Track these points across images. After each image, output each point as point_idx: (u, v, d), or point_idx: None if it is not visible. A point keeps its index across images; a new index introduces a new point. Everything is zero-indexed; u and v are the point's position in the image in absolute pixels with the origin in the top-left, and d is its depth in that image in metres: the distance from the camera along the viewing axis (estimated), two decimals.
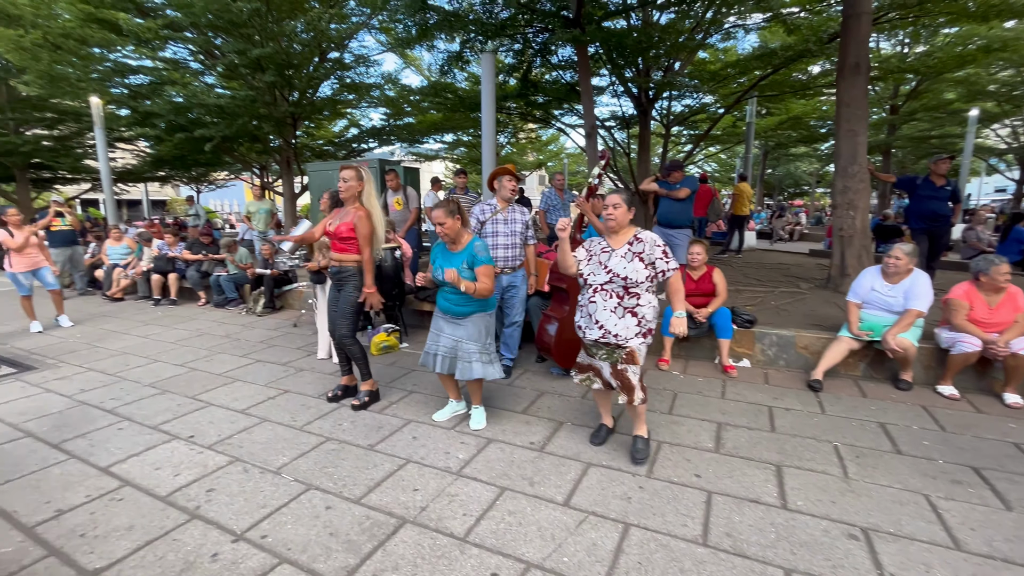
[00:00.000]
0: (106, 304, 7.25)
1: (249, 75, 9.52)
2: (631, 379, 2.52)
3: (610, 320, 2.47)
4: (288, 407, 3.36)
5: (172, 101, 9.36)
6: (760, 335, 4.10)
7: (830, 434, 2.89)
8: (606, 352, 2.55)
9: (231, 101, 9.11)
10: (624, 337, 2.46)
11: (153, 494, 2.36)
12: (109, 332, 5.53)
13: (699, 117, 12.26)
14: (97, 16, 8.62)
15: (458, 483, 2.42)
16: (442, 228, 2.84)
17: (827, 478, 2.43)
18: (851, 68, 5.07)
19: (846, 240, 5.29)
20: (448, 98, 10.89)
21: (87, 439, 2.93)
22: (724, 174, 28.66)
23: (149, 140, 12.85)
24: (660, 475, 2.47)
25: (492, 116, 5.80)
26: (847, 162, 5.19)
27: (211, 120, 9.70)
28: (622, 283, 2.45)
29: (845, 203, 5.25)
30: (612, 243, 2.56)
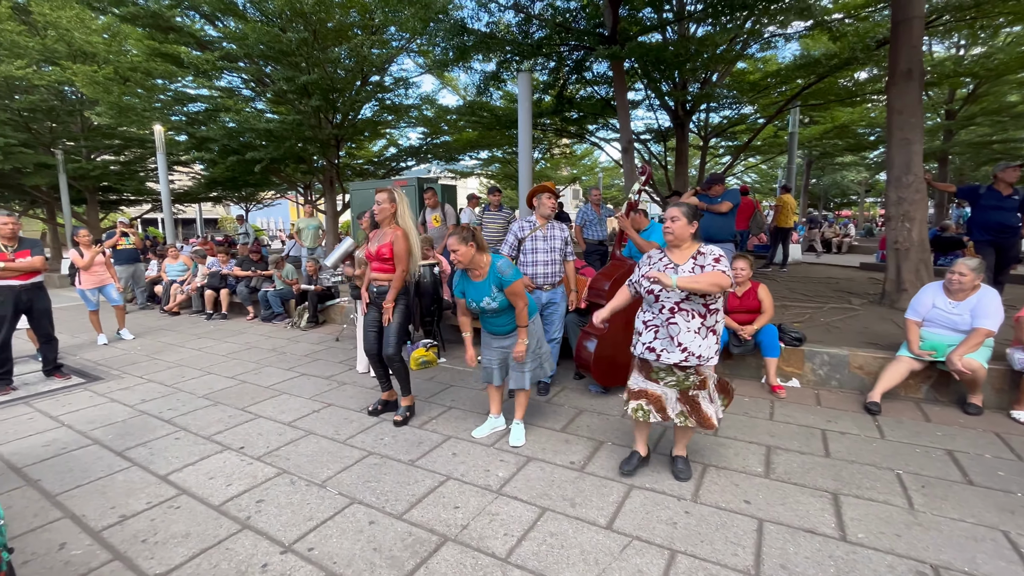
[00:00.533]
0: (164, 318, 7.68)
1: (296, 100, 10.04)
2: (702, 405, 2.43)
3: (695, 341, 2.35)
4: (332, 420, 3.45)
5: (226, 126, 9.97)
6: (810, 354, 3.93)
7: (892, 461, 2.72)
8: (676, 378, 2.46)
9: (280, 125, 9.61)
10: (707, 357, 2.37)
11: (207, 503, 2.46)
12: (167, 345, 5.85)
13: (738, 128, 12.03)
14: (161, 51, 9.32)
15: (498, 502, 2.41)
16: (455, 256, 2.79)
17: (890, 509, 2.28)
18: (903, 74, 4.88)
19: (902, 253, 5.04)
20: (484, 117, 11.12)
21: (148, 447, 3.10)
22: (765, 185, 27.85)
23: (204, 163, 13.70)
24: (707, 500, 2.39)
25: (528, 133, 5.87)
26: (901, 172, 4.97)
27: (261, 143, 10.25)
28: (701, 300, 2.35)
29: (900, 215, 5.01)
30: (675, 258, 2.46)
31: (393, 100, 11.48)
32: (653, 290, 2.45)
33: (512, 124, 10.32)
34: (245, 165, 10.96)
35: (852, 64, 7.79)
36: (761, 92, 9.51)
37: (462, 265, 2.86)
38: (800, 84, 8.94)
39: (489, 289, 2.84)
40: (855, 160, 22.38)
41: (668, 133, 11.04)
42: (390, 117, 12.20)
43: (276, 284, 7.24)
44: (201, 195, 17.60)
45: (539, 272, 3.69)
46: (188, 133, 11.19)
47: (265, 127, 9.56)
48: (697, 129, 11.61)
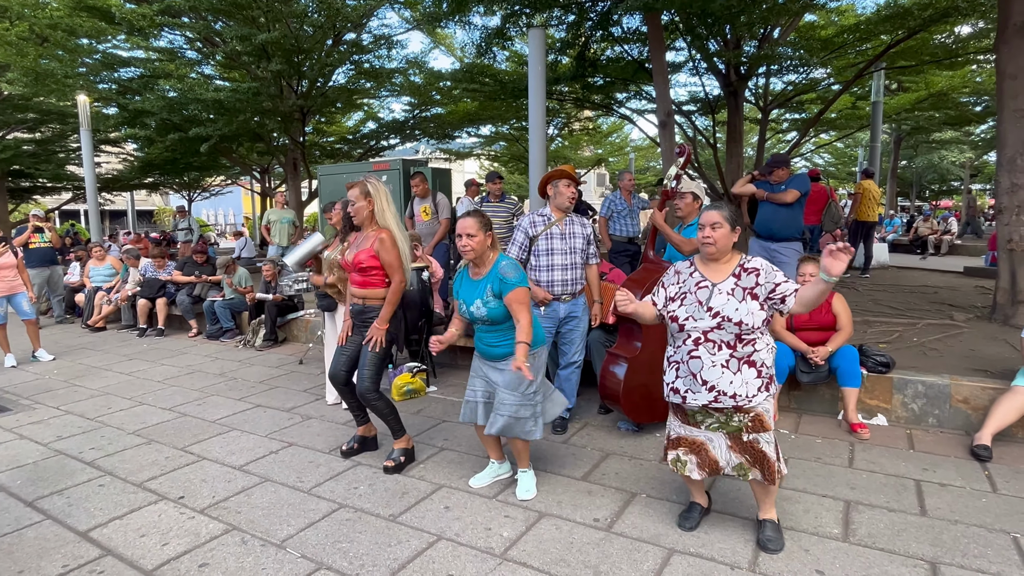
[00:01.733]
0: (86, 334, 7.79)
1: (253, 64, 10.21)
2: (766, 451, 2.40)
3: (723, 378, 2.35)
4: (294, 464, 3.47)
5: (165, 96, 10.15)
6: (900, 383, 3.90)
7: (1006, 521, 2.68)
8: (718, 420, 2.45)
9: (231, 95, 9.78)
10: (745, 396, 2.35)
11: (138, 567, 2.48)
12: (89, 368, 5.92)
13: (807, 97, 12.04)
14: (87, 3, 9.54)
15: (502, 569, 2.41)
16: (469, 242, 2.80)
17: None
18: (1016, 28, 4.88)
19: (1018, 256, 5.01)
20: (486, 83, 11.22)
21: (64, 496, 3.13)
22: (842, 169, 27.82)
23: (138, 142, 13.93)
24: (769, 569, 2.37)
25: (541, 103, 5.92)
26: (1016, 152, 4.96)
27: (208, 117, 10.42)
28: (735, 329, 2.33)
29: (1015, 206, 5.00)
30: (709, 274, 2.44)
31: (373, 63, 11.65)
32: (678, 317, 2.43)
33: (521, 92, 10.40)
34: (188, 144, 11.14)
35: (952, 15, 7.80)
36: (836, 51, 9.51)
37: (472, 254, 2.85)
38: (886, 41, 8.94)
39: (483, 291, 2.85)
40: (957, 137, 22.30)
41: (717, 103, 11.06)
42: (369, 84, 12.37)
43: (226, 293, 7.32)
44: (134, 181, 17.91)
45: (556, 279, 3.70)
46: (119, 105, 11.42)
47: (214, 97, 9.73)
48: (754, 98, 11.64)
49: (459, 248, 2.87)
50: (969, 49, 9.67)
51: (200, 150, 11.12)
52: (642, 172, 28.19)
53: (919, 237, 15.40)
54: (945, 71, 12.02)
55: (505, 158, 19.16)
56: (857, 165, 20.92)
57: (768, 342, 2.42)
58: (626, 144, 23.93)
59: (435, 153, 17.87)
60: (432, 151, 17.82)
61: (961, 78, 12.67)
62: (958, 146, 25.69)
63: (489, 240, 2.89)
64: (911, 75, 12.20)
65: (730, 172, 9.42)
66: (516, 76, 11.07)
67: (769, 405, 2.44)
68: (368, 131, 14.92)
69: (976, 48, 9.55)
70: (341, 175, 9.00)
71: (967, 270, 9.52)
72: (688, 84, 43.24)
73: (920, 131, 17.94)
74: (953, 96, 13.22)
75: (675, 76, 11.65)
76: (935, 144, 24.88)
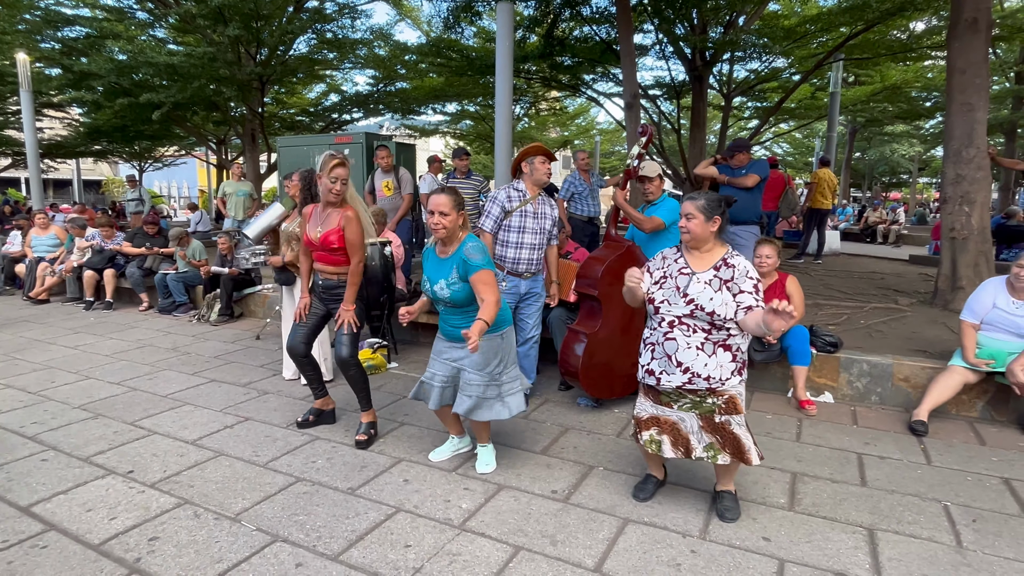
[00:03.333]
0: (28, 306, 7.42)
1: (208, 28, 9.76)
2: (738, 434, 2.45)
3: (698, 360, 2.40)
4: (249, 438, 3.41)
5: (113, 59, 9.64)
6: (847, 362, 4.06)
7: (939, 491, 2.84)
8: (691, 401, 2.50)
9: (185, 60, 9.35)
10: (719, 379, 2.41)
11: (84, 541, 2.40)
12: (32, 341, 5.66)
13: (768, 85, 12.26)
14: None
15: (461, 539, 2.43)
16: (442, 220, 2.73)
17: (935, 547, 2.39)
18: (967, 25, 5.04)
19: (959, 244, 5.23)
20: (452, 58, 11.04)
21: (4, 471, 2.99)
22: (800, 158, 28.59)
23: (84, 106, 13.22)
24: (718, 537, 2.45)
25: (508, 81, 5.86)
26: (961, 144, 5.15)
27: (160, 83, 9.95)
28: (707, 318, 2.39)
29: (958, 196, 5.20)
30: (693, 263, 2.48)
31: (336, 33, 11.29)
32: (655, 299, 2.49)
33: (488, 69, 10.26)
34: (139, 111, 10.61)
35: (908, 10, 8.03)
36: (797, 41, 9.71)
37: (444, 232, 2.77)
38: (845, 33, 9.16)
39: (448, 271, 2.79)
40: (908, 130, 23.13)
41: (683, 88, 11.17)
42: (331, 55, 12.00)
43: (179, 265, 7.06)
44: (80, 148, 17.00)
45: (523, 257, 3.69)
46: (63, 66, 10.77)
47: (166, 61, 9.28)
48: (718, 85, 11.79)
49: (430, 225, 2.80)
50: (923, 44, 9.99)
51: (152, 117, 10.59)
52: (607, 156, 28.34)
53: (869, 226, 15.98)
54: (900, 65, 12.41)
55: (471, 137, 18.95)
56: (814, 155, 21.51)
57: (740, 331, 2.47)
58: (592, 127, 23.99)
59: (399, 129, 17.51)
60: (396, 127, 17.46)
61: (914, 72, 13.11)
62: (908, 139, 26.65)
63: (461, 220, 2.82)
64: (867, 68, 12.55)
65: (693, 157, 9.55)
66: (483, 52, 10.91)
67: (743, 389, 2.50)
68: (330, 104, 14.51)
69: (929, 43, 9.87)
70: (301, 147, 8.74)
71: (912, 258, 9.94)
72: (654, 68, 43.63)
73: (874, 123, 18.51)
74: (906, 90, 13.67)
75: (642, 60, 11.71)
76: (887, 137, 25.74)
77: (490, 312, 2.67)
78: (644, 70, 21.59)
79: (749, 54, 10.65)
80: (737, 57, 11.00)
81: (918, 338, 4.53)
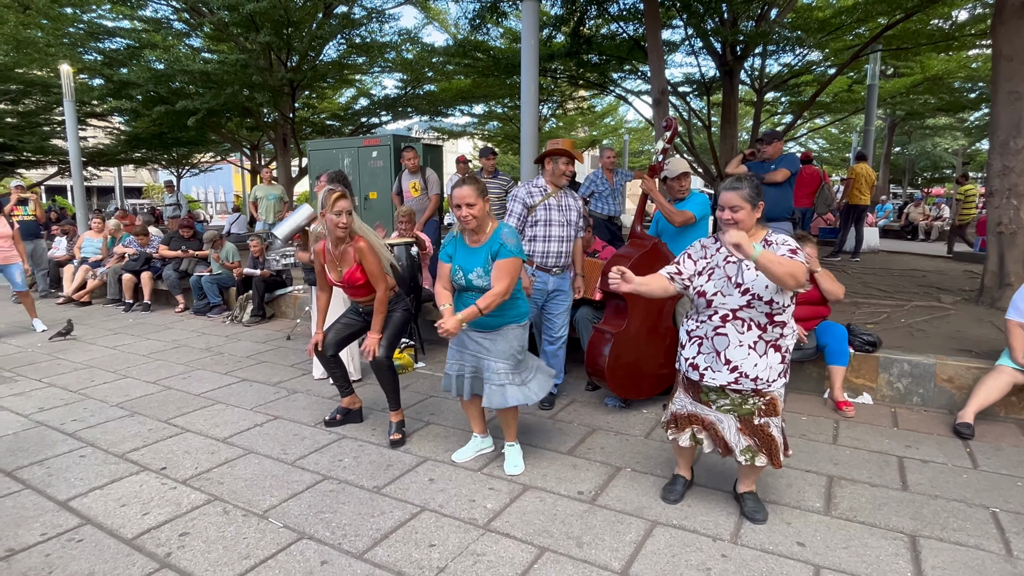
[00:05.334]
0: (71, 308, 7.69)
1: (241, 35, 10.00)
2: (775, 436, 2.39)
3: (748, 360, 2.32)
4: (278, 437, 3.45)
5: (151, 68, 9.93)
6: (886, 362, 3.92)
7: (986, 496, 2.71)
8: (732, 402, 2.43)
9: (219, 67, 9.59)
10: (766, 380, 2.33)
11: (118, 536, 2.46)
12: (73, 342, 5.86)
13: (802, 79, 11.97)
14: None
15: (485, 539, 2.41)
16: (470, 211, 2.74)
17: (982, 555, 2.27)
18: (1014, 9, 4.84)
19: (1006, 239, 5.03)
20: (479, 59, 11.07)
21: (45, 467, 3.10)
22: (837, 154, 27.81)
23: (124, 115, 13.68)
24: (750, 541, 2.38)
25: (534, 81, 5.84)
26: (1008, 135, 4.95)
27: (196, 90, 10.23)
28: (765, 308, 2.29)
29: (1005, 189, 5.00)
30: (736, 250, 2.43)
31: (364, 37, 11.44)
32: (705, 292, 2.39)
33: (514, 69, 10.26)
34: (176, 118, 10.93)
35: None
36: (832, 33, 9.45)
37: (474, 223, 2.78)
38: (882, 23, 8.88)
39: (484, 259, 2.80)
40: (951, 123, 22.31)
41: (713, 84, 10.97)
42: (360, 59, 12.16)
43: (213, 268, 7.24)
44: (121, 156, 17.61)
45: (552, 250, 3.65)
46: (104, 76, 11.17)
47: (201, 69, 9.53)
48: (750, 80, 11.56)
49: (459, 219, 2.79)
50: (966, 32, 9.62)
51: (188, 124, 10.91)
52: (636, 155, 28.05)
53: (910, 223, 15.46)
54: (941, 55, 11.98)
55: (499, 138, 18.98)
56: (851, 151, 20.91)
57: (794, 327, 2.40)
58: (621, 125, 23.78)
59: (427, 131, 17.66)
60: (424, 129, 17.62)
61: (957, 62, 12.64)
62: (951, 132, 25.71)
63: (487, 207, 2.84)
64: (907, 59, 12.13)
65: (724, 153, 9.38)
66: (510, 52, 10.91)
67: (784, 391, 2.43)
68: (360, 108, 14.70)
69: (973, 31, 9.50)
70: (331, 150, 8.88)
71: (956, 255, 9.58)
72: (684, 64, 42.88)
73: (914, 116, 17.92)
74: (948, 81, 13.19)
75: (671, 56, 11.54)
76: (929, 130, 24.89)
77: (490, 302, 2.71)
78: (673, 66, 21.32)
79: (782, 47, 10.40)
80: (769, 51, 10.75)
81: (962, 337, 4.34)
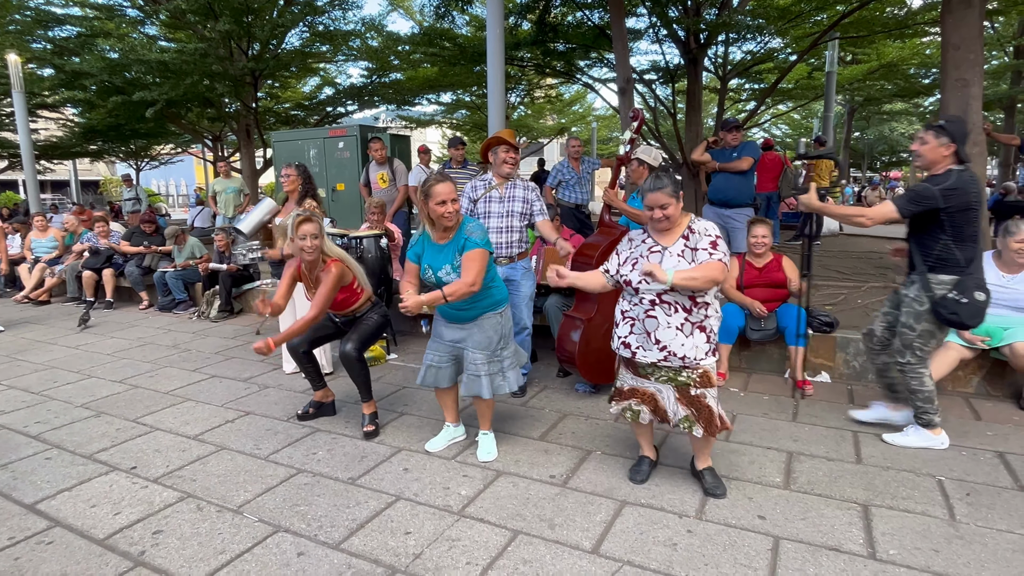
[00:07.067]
0: (29, 308, 7.45)
1: (199, 23, 9.70)
2: (711, 406, 2.52)
3: (676, 339, 2.46)
4: (251, 432, 3.44)
5: (105, 57, 9.59)
6: (843, 342, 4.08)
7: (932, 466, 2.87)
8: (667, 374, 2.56)
9: (177, 56, 9.30)
10: (693, 358, 2.48)
11: (89, 536, 2.44)
12: (33, 342, 5.69)
13: (764, 66, 12.17)
14: None
15: (460, 525, 2.46)
16: (454, 206, 2.78)
17: (928, 521, 2.42)
18: (960, 0, 5.00)
19: None
20: (445, 48, 10.95)
21: (9, 470, 3.03)
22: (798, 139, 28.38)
23: (77, 106, 13.17)
24: (714, 516, 2.48)
25: (501, 69, 5.83)
26: None
27: (153, 80, 9.91)
28: (688, 291, 2.44)
29: None
30: (661, 239, 2.54)
31: (328, 25, 11.21)
32: (631, 281, 2.53)
33: (481, 58, 10.19)
34: (133, 109, 10.59)
35: None
36: (792, 21, 9.61)
37: (452, 221, 2.81)
38: (840, 10, 9.07)
39: (452, 256, 2.84)
40: (906, 108, 22.94)
41: (678, 72, 11.08)
42: (324, 48, 11.93)
43: (177, 263, 7.08)
44: (75, 148, 16.95)
45: (491, 241, 3.69)
46: (55, 66, 10.72)
47: (158, 58, 9.24)
48: (714, 67, 11.70)
49: (441, 214, 2.79)
50: (919, 20, 9.89)
51: (146, 115, 10.57)
52: (604, 143, 28.18)
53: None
54: (896, 42, 12.30)
55: (467, 127, 18.87)
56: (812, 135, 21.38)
57: (717, 309, 2.56)
58: (589, 113, 23.84)
59: (394, 120, 17.45)
60: (391, 118, 17.41)
61: (911, 49, 12.99)
62: (907, 117, 26.47)
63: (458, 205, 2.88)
64: (863, 46, 12.41)
65: (689, 140, 9.50)
66: (476, 41, 10.82)
67: (715, 365, 2.58)
68: (324, 97, 14.43)
69: (925, 19, 9.77)
70: (296, 141, 8.74)
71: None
72: (649, 52, 43.28)
73: (872, 102, 18.39)
74: (903, 67, 13.55)
75: (636, 44, 11.60)
76: (886, 116, 25.57)
77: (455, 290, 2.73)
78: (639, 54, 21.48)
79: (744, 35, 10.54)
80: (732, 39, 10.89)
81: None
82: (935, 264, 2.85)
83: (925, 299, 2.88)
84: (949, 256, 2.81)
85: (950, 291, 2.81)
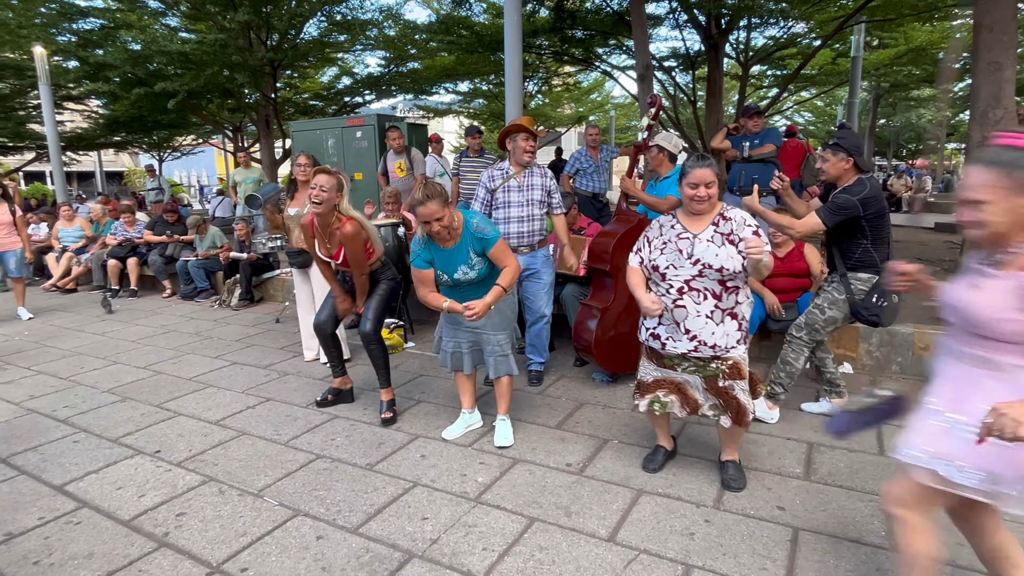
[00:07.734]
0: (56, 296, 7.63)
1: (219, 14, 9.77)
2: (742, 400, 2.47)
3: (706, 328, 2.41)
4: (271, 418, 3.49)
5: (127, 49, 9.70)
6: (866, 332, 4.01)
7: None
8: (695, 365, 2.51)
9: (198, 47, 9.37)
10: (724, 347, 2.42)
11: (115, 517, 2.50)
12: (61, 329, 5.83)
13: (787, 52, 11.92)
14: None
15: (477, 511, 2.48)
16: (441, 225, 2.75)
17: None
18: None
19: None
20: (463, 36, 10.91)
21: (39, 453, 3.12)
22: (823, 127, 27.82)
23: (102, 98, 13.36)
24: (732, 507, 2.46)
25: (518, 58, 5.79)
26: (987, 106, 4.97)
27: (174, 71, 10.00)
28: (718, 276, 2.38)
29: None
30: (690, 225, 2.48)
31: (345, 14, 11.20)
32: (659, 265, 2.48)
33: (498, 45, 10.10)
34: (155, 100, 10.70)
35: None
36: (817, 4, 9.39)
37: (446, 235, 2.82)
38: None
39: (466, 256, 2.86)
40: (935, 94, 22.32)
41: (698, 58, 10.93)
42: (342, 37, 11.92)
43: (199, 252, 7.19)
44: (100, 140, 17.24)
45: (512, 231, 3.67)
46: (79, 58, 10.88)
47: (179, 50, 9.31)
48: (735, 53, 11.49)
49: (431, 234, 2.81)
50: (948, 3, 9.60)
51: (168, 106, 10.69)
52: (623, 131, 27.90)
53: (893, 195, 15.58)
54: (924, 26, 11.95)
55: (484, 116, 18.79)
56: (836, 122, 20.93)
57: (748, 295, 2.50)
58: (607, 101, 23.58)
59: (411, 110, 17.45)
60: (409, 108, 17.41)
61: (940, 33, 12.62)
62: (935, 103, 25.76)
63: (451, 209, 2.86)
64: (891, 30, 12.09)
65: (710, 128, 9.38)
66: (493, 28, 10.76)
67: (746, 356, 2.52)
68: (343, 87, 14.47)
69: (955, 2, 9.49)
70: (315, 131, 8.78)
71: (938, 226, 9.69)
72: (669, 38, 42.47)
73: (899, 88, 17.92)
74: (932, 52, 13.17)
75: (656, 30, 11.45)
76: (913, 102, 24.91)
77: (509, 278, 2.84)
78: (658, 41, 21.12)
79: (766, 20, 10.35)
80: (754, 23, 10.68)
81: None
82: (855, 265, 3.01)
83: (844, 295, 3.03)
84: (867, 258, 2.98)
85: (870, 293, 2.96)
